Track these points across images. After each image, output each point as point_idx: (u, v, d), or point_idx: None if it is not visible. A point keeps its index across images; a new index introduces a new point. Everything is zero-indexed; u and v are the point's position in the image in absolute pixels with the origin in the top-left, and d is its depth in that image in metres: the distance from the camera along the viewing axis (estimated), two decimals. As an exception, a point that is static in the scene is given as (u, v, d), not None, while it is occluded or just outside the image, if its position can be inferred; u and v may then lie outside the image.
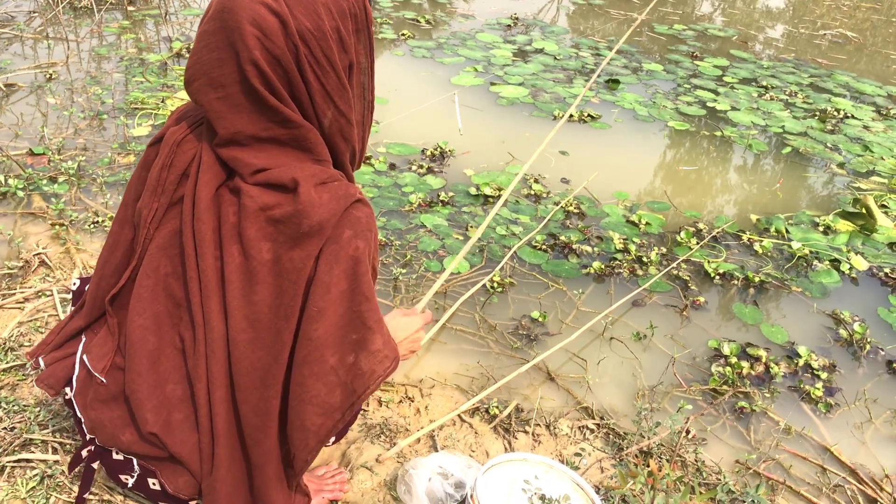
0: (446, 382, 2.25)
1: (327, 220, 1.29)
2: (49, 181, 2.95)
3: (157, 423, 1.43)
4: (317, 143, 1.34)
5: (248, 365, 1.37)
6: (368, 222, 1.34)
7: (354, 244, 1.30)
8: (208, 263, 1.35)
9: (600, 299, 2.76)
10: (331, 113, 1.32)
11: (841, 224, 3.50)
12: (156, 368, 1.43)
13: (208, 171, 1.36)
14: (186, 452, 1.45)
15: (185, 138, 1.42)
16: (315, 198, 1.29)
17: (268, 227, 1.31)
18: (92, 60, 4.24)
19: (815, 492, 2.08)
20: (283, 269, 1.31)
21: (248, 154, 1.32)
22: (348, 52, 1.32)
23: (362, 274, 1.31)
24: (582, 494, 1.49)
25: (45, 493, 1.67)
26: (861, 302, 2.97)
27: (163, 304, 1.43)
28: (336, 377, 1.35)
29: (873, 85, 5.50)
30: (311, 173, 1.31)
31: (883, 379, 2.57)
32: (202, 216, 1.35)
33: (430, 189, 3.33)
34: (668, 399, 2.33)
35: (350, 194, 1.33)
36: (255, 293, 1.33)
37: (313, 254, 1.30)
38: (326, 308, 1.31)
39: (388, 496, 1.81)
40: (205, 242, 1.35)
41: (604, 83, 4.86)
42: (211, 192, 1.35)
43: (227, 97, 1.28)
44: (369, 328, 1.35)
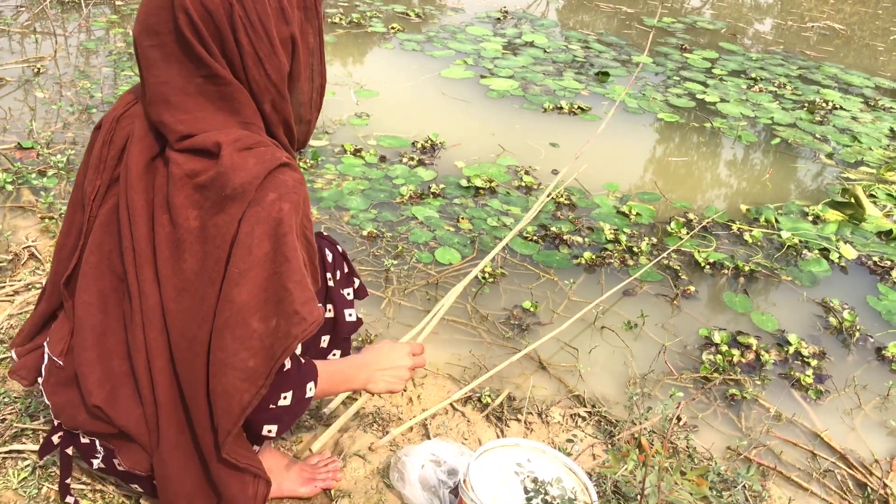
0: (438, 372, 2.26)
1: (250, 183, 1.26)
2: (38, 175, 2.94)
3: (100, 396, 1.42)
4: (245, 103, 1.31)
5: (179, 333, 1.35)
6: (296, 186, 1.30)
7: (278, 206, 1.27)
8: (141, 234, 1.34)
9: (591, 289, 2.77)
10: (262, 80, 1.29)
11: (830, 213, 3.52)
12: (101, 343, 1.43)
13: (139, 141, 1.35)
14: (133, 425, 1.43)
15: (123, 114, 1.42)
16: (238, 161, 1.26)
17: (194, 195, 1.29)
18: (80, 55, 4.22)
19: (806, 477, 2.09)
20: (208, 235, 1.29)
21: (175, 117, 1.29)
22: (289, 24, 1.29)
23: (284, 234, 1.28)
24: (574, 478, 1.49)
25: (36, 484, 1.67)
26: (850, 290, 2.99)
27: (107, 280, 1.42)
28: (259, 342, 1.31)
29: (861, 76, 5.53)
30: (236, 137, 1.29)
31: (872, 366, 2.59)
32: (134, 185, 1.34)
33: (421, 181, 3.33)
34: (660, 387, 2.34)
35: (276, 157, 1.30)
36: (183, 261, 1.32)
37: (237, 217, 1.27)
38: (248, 270, 1.28)
39: (380, 484, 1.81)
40: (136, 212, 1.34)
41: (593, 75, 4.87)
42: (143, 162, 1.34)
43: (160, 45, 1.27)
44: (288, 290, 1.30)
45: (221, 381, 1.32)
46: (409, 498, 1.73)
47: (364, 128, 3.76)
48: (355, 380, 1.59)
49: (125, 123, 1.41)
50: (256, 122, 1.34)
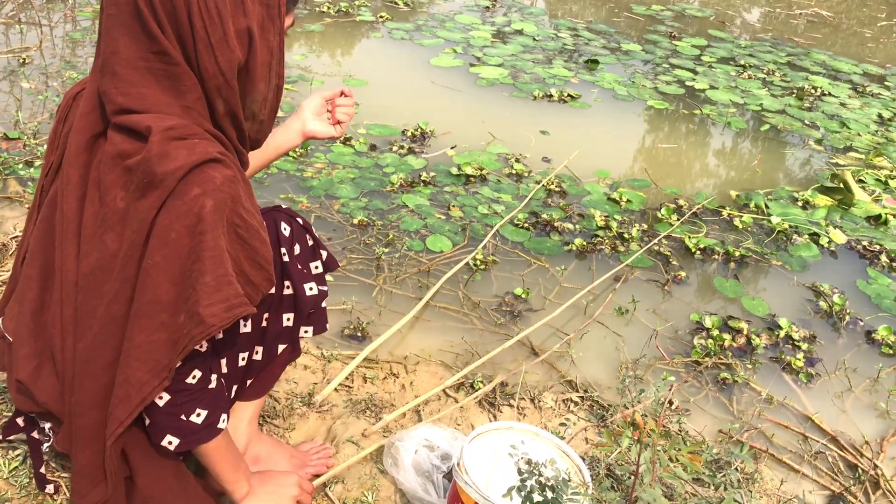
0: (431, 359, 2.26)
1: (173, 173, 1.23)
2: (25, 165, 2.91)
3: (25, 370, 1.41)
4: (191, 87, 1.28)
5: (86, 313, 1.34)
6: (224, 183, 1.26)
7: (201, 202, 1.24)
8: (70, 207, 1.33)
9: (583, 275, 2.77)
10: (211, 67, 1.26)
11: (819, 199, 3.53)
12: (37, 318, 1.42)
13: (82, 118, 1.33)
14: (52, 402, 1.42)
15: (79, 93, 1.41)
16: (167, 150, 1.23)
17: (123, 176, 1.28)
18: (66, 45, 4.18)
19: (797, 459, 2.10)
20: (129, 218, 1.28)
21: (117, 88, 1.27)
22: (247, 17, 1.26)
23: (201, 232, 1.25)
24: (567, 460, 1.49)
25: (27, 473, 1.66)
26: (840, 274, 3.01)
27: (49, 256, 1.41)
28: (166, 334, 1.28)
29: (849, 63, 5.54)
30: (171, 125, 1.25)
31: (862, 349, 2.60)
32: (71, 161, 1.33)
33: (412, 169, 3.32)
34: (651, 371, 2.35)
35: (206, 152, 1.26)
36: (105, 241, 1.30)
37: (156, 205, 1.25)
38: (161, 263, 1.25)
39: (374, 469, 1.81)
40: (70, 186, 1.33)
41: (583, 63, 4.87)
42: (84, 139, 1.33)
43: (117, 14, 1.25)
44: (195, 290, 1.27)
45: (125, 370, 1.30)
46: (402, 483, 1.73)
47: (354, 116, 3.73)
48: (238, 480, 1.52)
49: (81, 102, 1.40)
50: (199, 108, 1.30)
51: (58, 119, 1.44)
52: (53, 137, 1.44)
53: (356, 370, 2.13)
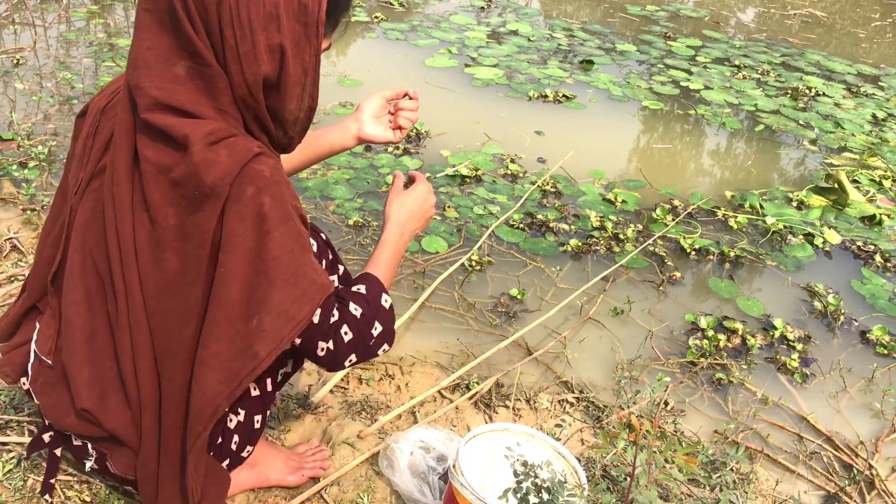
0: (426, 360, 2.25)
1: (223, 179, 1.23)
2: (19, 166, 2.90)
3: (90, 399, 1.39)
4: (223, 90, 1.27)
5: (164, 334, 1.34)
6: (273, 175, 1.27)
7: (259, 200, 1.24)
8: (127, 232, 1.31)
9: (578, 276, 2.77)
10: (237, 76, 1.26)
11: (814, 199, 3.54)
12: (90, 344, 1.40)
13: (126, 134, 1.31)
14: (122, 429, 1.41)
15: (108, 104, 1.40)
16: (210, 156, 1.23)
17: (170, 192, 1.27)
18: (60, 46, 4.17)
19: (793, 459, 2.11)
20: (187, 234, 1.27)
21: (152, 82, 1.25)
22: (281, 33, 1.25)
23: (267, 232, 1.25)
24: (563, 462, 1.49)
25: (22, 476, 1.65)
26: (835, 275, 3.01)
27: (93, 280, 1.40)
28: (241, 340, 1.29)
29: (843, 63, 5.56)
30: (209, 130, 1.25)
31: (857, 349, 2.61)
32: (121, 181, 1.31)
33: (407, 170, 3.32)
34: (647, 372, 2.35)
35: (248, 149, 1.26)
36: (164, 260, 1.30)
37: (214, 215, 1.24)
38: (234, 269, 1.25)
39: (370, 471, 1.81)
40: (123, 209, 1.31)
41: (578, 64, 4.87)
42: (130, 157, 1.30)
43: (155, 10, 1.25)
44: (275, 288, 1.28)
45: (201, 382, 1.31)
46: (398, 484, 1.73)
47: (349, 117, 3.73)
48: (403, 249, 1.63)
49: (111, 114, 1.38)
50: (232, 112, 1.30)
51: (87, 133, 1.40)
52: (82, 153, 1.40)
53: (351, 371, 2.13)
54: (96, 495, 1.65)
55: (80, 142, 1.42)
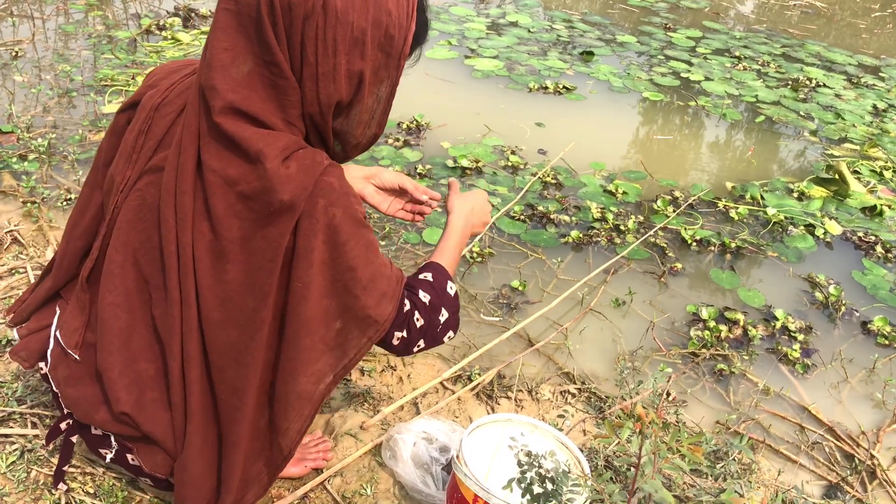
0: (428, 351, 2.25)
1: (298, 196, 1.24)
2: (19, 159, 2.90)
3: (128, 403, 1.40)
4: (294, 103, 1.27)
5: (221, 344, 1.34)
6: (342, 186, 1.29)
7: (330, 213, 1.26)
8: (187, 239, 1.31)
9: (579, 267, 2.77)
10: (311, 94, 1.25)
11: (815, 190, 3.54)
12: (128, 346, 1.41)
13: (192, 139, 1.29)
14: (159, 431, 1.42)
15: (163, 102, 1.38)
16: (283, 172, 1.23)
17: (237, 204, 1.26)
18: (59, 38, 4.16)
19: (794, 449, 2.11)
20: (255, 247, 1.27)
21: (227, 84, 1.24)
22: (364, 60, 1.24)
23: (342, 244, 1.28)
24: (567, 452, 1.49)
25: (25, 468, 1.66)
26: (836, 265, 3.01)
27: (133, 281, 1.39)
28: (324, 344, 1.33)
29: (844, 54, 5.54)
30: (283, 146, 1.25)
31: (858, 339, 2.61)
32: (186, 189, 1.29)
33: (407, 162, 3.32)
34: (648, 363, 2.35)
35: (318, 162, 1.27)
36: (225, 272, 1.30)
37: (288, 229, 1.25)
38: (311, 282, 1.28)
39: (373, 462, 1.81)
40: (186, 218, 1.30)
41: (578, 55, 4.86)
42: (195, 163, 1.29)
43: (237, 13, 1.24)
44: (356, 296, 1.32)
45: (294, 388, 1.35)
46: (401, 475, 1.73)
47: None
48: (465, 240, 1.68)
49: (165, 112, 1.38)
50: (299, 125, 1.30)
51: (138, 131, 1.39)
52: (131, 151, 1.39)
53: (354, 363, 2.13)
54: (100, 487, 1.65)
55: (131, 137, 1.40)
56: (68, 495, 1.61)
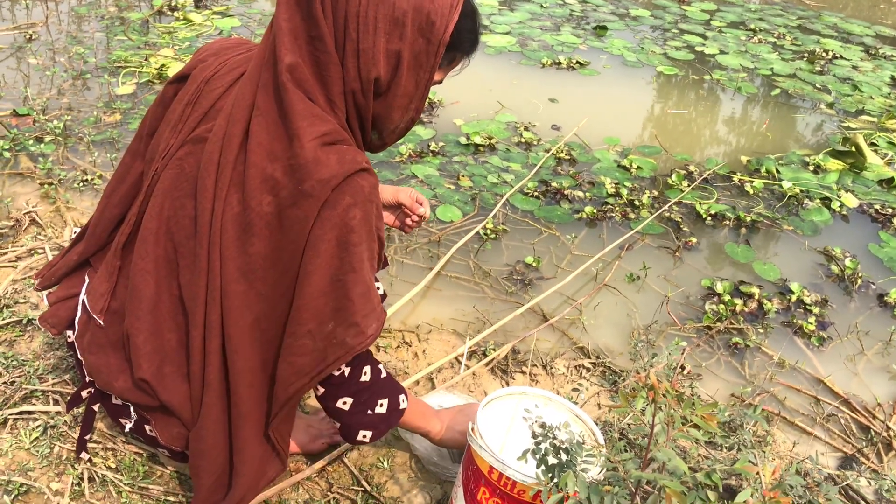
0: (443, 328, 2.27)
1: (327, 182, 1.25)
2: (35, 141, 2.92)
3: (149, 370, 1.42)
4: (335, 79, 1.29)
5: (239, 316, 1.35)
6: (371, 193, 1.30)
7: (352, 213, 1.27)
8: (220, 209, 1.33)
9: (593, 243, 2.77)
10: (352, 70, 1.27)
11: (831, 163, 3.51)
12: (154, 314, 1.43)
13: (244, 111, 1.31)
14: (177, 401, 1.44)
15: (213, 76, 1.41)
16: (321, 156, 1.26)
17: (271, 179, 1.28)
18: (72, 21, 4.17)
19: (809, 422, 2.11)
20: (283, 225, 1.29)
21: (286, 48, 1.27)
22: (402, 41, 1.26)
23: (354, 245, 1.29)
24: (581, 424, 1.50)
25: (48, 444, 1.69)
26: (852, 238, 3.00)
27: (163, 249, 1.42)
28: (312, 341, 1.34)
29: (861, 25, 5.47)
30: (325, 130, 1.27)
31: (874, 312, 2.60)
32: (230, 158, 1.32)
33: (420, 139, 3.31)
34: (663, 337, 2.36)
35: (357, 161, 1.29)
36: (250, 245, 1.31)
37: (311, 215, 1.27)
38: (313, 272, 1.29)
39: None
40: (225, 187, 1.32)
41: (591, 30, 4.82)
42: (244, 135, 1.32)
43: None
44: (351, 300, 1.32)
45: (280, 367, 1.37)
46: (417, 448, 1.75)
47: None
48: (431, 423, 1.64)
49: (215, 85, 1.40)
50: (340, 104, 1.31)
51: (187, 101, 1.41)
52: (178, 120, 1.42)
53: (369, 339, 2.14)
54: (121, 462, 1.68)
55: (179, 107, 1.42)
56: (91, 470, 1.64)
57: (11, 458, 1.65)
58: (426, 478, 1.74)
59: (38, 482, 1.60)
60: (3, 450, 1.66)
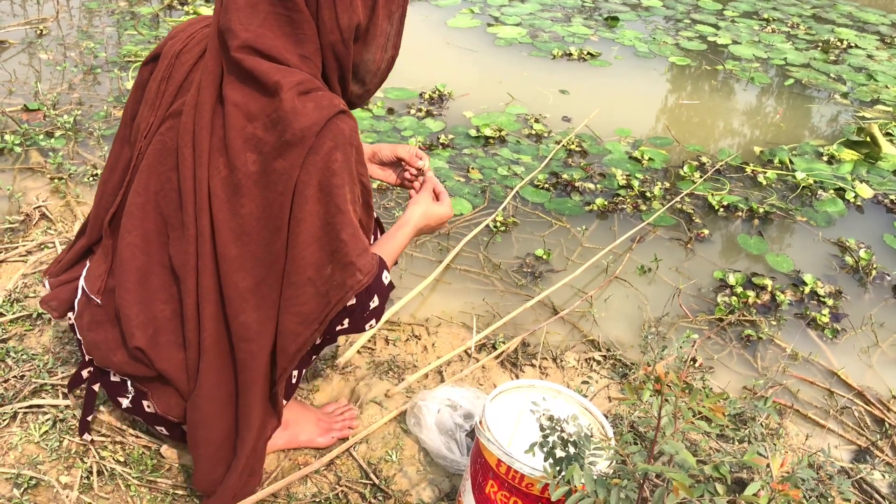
0: (452, 321, 2.26)
1: (309, 129, 1.26)
2: (46, 136, 2.93)
3: (143, 338, 1.42)
4: (310, 37, 1.29)
5: (237, 279, 1.35)
6: (351, 136, 1.30)
7: (334, 156, 1.28)
8: (203, 174, 1.33)
9: (604, 235, 2.75)
10: (329, 21, 1.28)
11: (845, 153, 3.47)
12: (144, 286, 1.43)
13: (211, 78, 1.32)
14: (173, 369, 1.44)
15: (183, 49, 1.41)
16: (298, 105, 1.26)
17: (253, 138, 1.29)
18: (82, 15, 4.18)
19: (823, 414, 2.09)
20: (269, 180, 1.29)
21: (242, 24, 1.27)
22: None
23: (337, 187, 1.29)
24: (590, 417, 1.49)
25: (58, 437, 1.69)
26: (867, 229, 2.96)
27: (153, 222, 1.42)
28: (314, 287, 1.33)
29: (877, 14, 5.41)
30: (299, 80, 1.28)
31: (889, 303, 2.57)
32: (204, 125, 1.32)
33: (430, 132, 3.30)
34: (674, 329, 2.34)
35: (334, 104, 1.29)
36: (241, 206, 1.32)
37: (297, 163, 1.27)
38: (304, 219, 1.29)
39: (397, 429, 1.82)
40: (204, 153, 1.33)
41: (603, 20, 4.79)
42: (214, 100, 1.33)
43: None
44: (343, 241, 1.32)
45: (283, 322, 1.36)
46: (426, 441, 1.74)
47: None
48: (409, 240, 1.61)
49: (185, 59, 1.40)
50: (315, 60, 1.32)
51: (161, 77, 1.42)
52: (154, 97, 1.42)
53: (378, 332, 2.14)
54: (129, 455, 1.68)
55: (154, 85, 1.43)
56: (100, 463, 1.64)
57: (21, 452, 1.66)
58: (434, 471, 1.74)
59: (48, 475, 1.61)
60: (12, 443, 1.67)
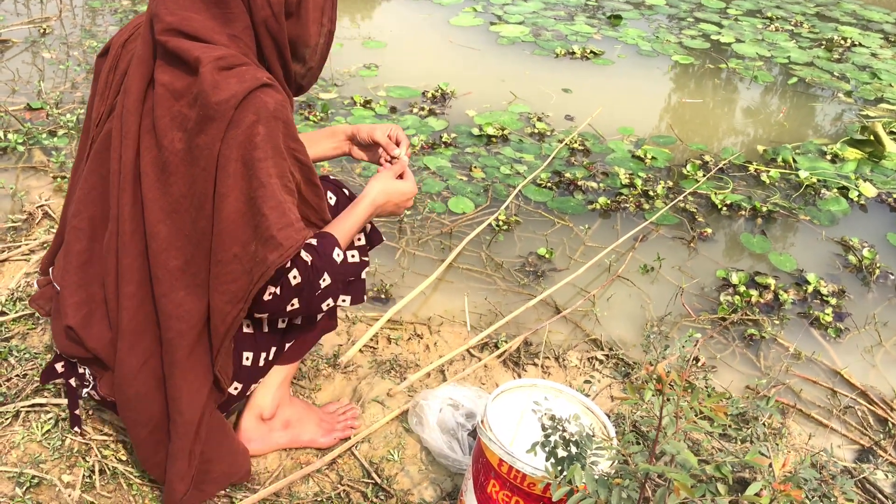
0: (454, 320, 2.26)
1: (227, 102, 1.24)
2: (49, 135, 2.93)
3: (76, 318, 1.42)
4: (238, 15, 1.29)
5: (167, 258, 1.34)
6: (276, 109, 1.28)
7: (255, 129, 1.26)
8: (129, 158, 1.34)
9: (607, 234, 2.75)
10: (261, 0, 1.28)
11: (849, 152, 3.46)
12: (85, 269, 1.44)
13: (141, 64, 1.33)
14: (102, 348, 1.43)
15: (128, 39, 1.42)
16: (219, 79, 1.25)
17: (180, 116, 1.29)
18: (85, 14, 4.18)
19: (826, 414, 2.09)
20: (193, 156, 1.29)
21: (167, 9, 1.28)
22: None
23: (259, 160, 1.27)
24: (592, 416, 1.49)
25: (60, 436, 1.69)
26: (870, 228, 2.96)
27: (98, 207, 1.43)
28: (240, 265, 1.31)
29: (881, 12, 5.40)
30: (219, 55, 1.26)
31: (893, 303, 2.56)
32: (131, 109, 1.33)
33: (433, 131, 3.30)
34: (677, 329, 2.33)
35: (257, 78, 1.27)
36: (170, 185, 1.31)
37: (218, 137, 1.26)
38: (227, 194, 1.28)
39: (399, 428, 1.82)
40: (129, 136, 1.34)
41: (606, 19, 4.78)
42: (142, 85, 1.33)
43: None
44: (264, 215, 1.29)
45: (213, 300, 1.35)
46: (428, 441, 1.74)
47: (373, 79, 3.71)
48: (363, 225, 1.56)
49: (131, 48, 1.41)
50: (246, 39, 1.31)
51: (108, 67, 1.43)
52: (104, 87, 1.43)
53: (380, 331, 2.14)
54: (131, 454, 1.68)
55: (103, 76, 1.44)
56: (102, 462, 1.64)
57: (23, 451, 1.66)
58: (436, 470, 1.73)
59: (50, 474, 1.61)
60: (15, 442, 1.67)
